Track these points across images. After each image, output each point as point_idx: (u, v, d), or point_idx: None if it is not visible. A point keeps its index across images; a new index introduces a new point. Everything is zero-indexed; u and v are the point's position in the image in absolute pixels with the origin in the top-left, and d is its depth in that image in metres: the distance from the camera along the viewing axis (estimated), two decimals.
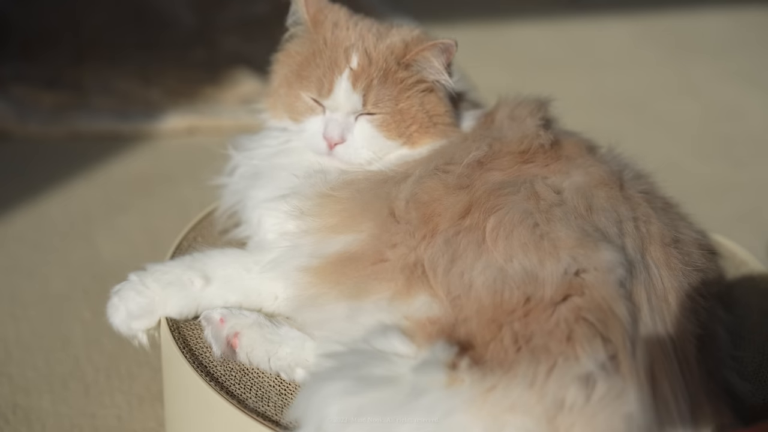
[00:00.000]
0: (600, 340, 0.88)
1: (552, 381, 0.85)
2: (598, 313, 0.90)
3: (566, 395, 0.85)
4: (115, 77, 2.55)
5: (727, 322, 1.07)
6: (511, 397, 0.85)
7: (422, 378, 0.87)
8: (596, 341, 0.88)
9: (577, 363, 0.86)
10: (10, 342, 1.53)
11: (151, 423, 1.38)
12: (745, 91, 3.00)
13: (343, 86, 1.12)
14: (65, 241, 1.85)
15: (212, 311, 1.07)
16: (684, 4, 3.81)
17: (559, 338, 0.88)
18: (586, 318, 0.90)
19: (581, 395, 0.85)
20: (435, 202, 1.03)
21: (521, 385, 0.85)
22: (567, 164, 1.11)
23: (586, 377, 0.86)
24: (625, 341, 0.89)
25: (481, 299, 0.93)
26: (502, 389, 0.85)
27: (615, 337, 0.89)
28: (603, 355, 0.87)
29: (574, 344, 0.88)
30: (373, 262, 1.00)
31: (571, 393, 0.85)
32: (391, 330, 0.93)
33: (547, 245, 0.96)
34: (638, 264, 0.98)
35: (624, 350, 0.88)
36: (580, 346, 0.88)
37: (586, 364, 0.86)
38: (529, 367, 0.86)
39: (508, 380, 0.86)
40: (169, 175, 2.15)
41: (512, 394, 0.85)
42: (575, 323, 0.89)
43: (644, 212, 1.06)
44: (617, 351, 0.88)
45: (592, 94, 2.88)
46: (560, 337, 0.88)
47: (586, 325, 0.89)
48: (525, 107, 1.19)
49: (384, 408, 0.85)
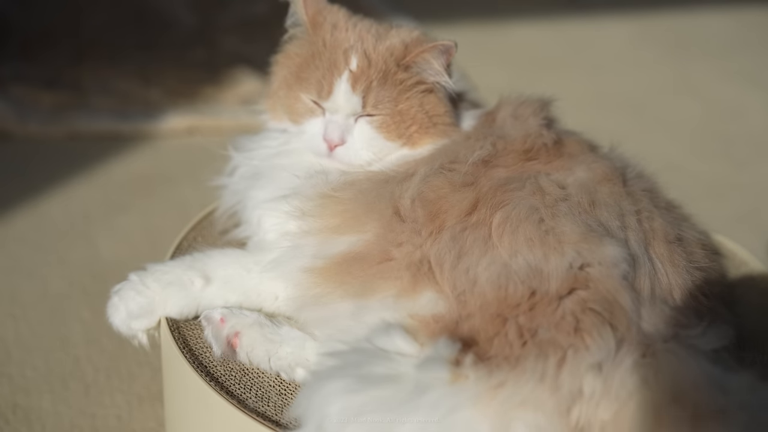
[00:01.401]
0: (609, 327, 0.89)
1: (565, 373, 0.85)
2: (603, 303, 0.91)
3: (583, 385, 0.85)
4: (114, 77, 2.54)
5: (729, 322, 1.07)
6: (521, 393, 0.84)
7: (425, 375, 0.87)
8: (605, 329, 0.88)
9: (588, 353, 0.87)
10: (10, 342, 1.53)
11: (151, 423, 1.38)
12: (745, 91, 3.00)
13: (342, 88, 1.12)
14: (65, 241, 1.85)
15: (212, 311, 1.07)
16: (684, 4, 3.81)
17: (566, 330, 0.89)
18: (592, 308, 0.90)
19: (598, 382, 0.85)
20: (441, 199, 1.03)
21: (532, 380, 0.85)
22: (569, 161, 1.11)
23: (598, 365, 0.86)
24: (630, 327, 0.89)
25: (485, 294, 0.93)
26: (512, 385, 0.85)
27: (621, 325, 0.89)
28: (612, 343, 0.87)
29: (582, 335, 0.88)
30: (379, 261, 1.00)
31: (588, 382, 0.85)
32: (394, 328, 0.93)
33: (551, 240, 0.96)
34: (642, 257, 0.98)
35: (629, 335, 0.89)
36: (589, 335, 0.88)
37: (596, 353, 0.86)
38: (537, 361, 0.86)
39: (517, 376, 0.85)
40: (169, 175, 2.15)
41: (523, 390, 0.84)
42: (582, 314, 0.90)
43: (647, 208, 1.06)
44: (624, 337, 0.88)
45: (592, 94, 2.88)
46: (567, 329, 0.89)
47: (593, 315, 0.90)
48: (527, 107, 1.19)
49: (386, 406, 0.85)
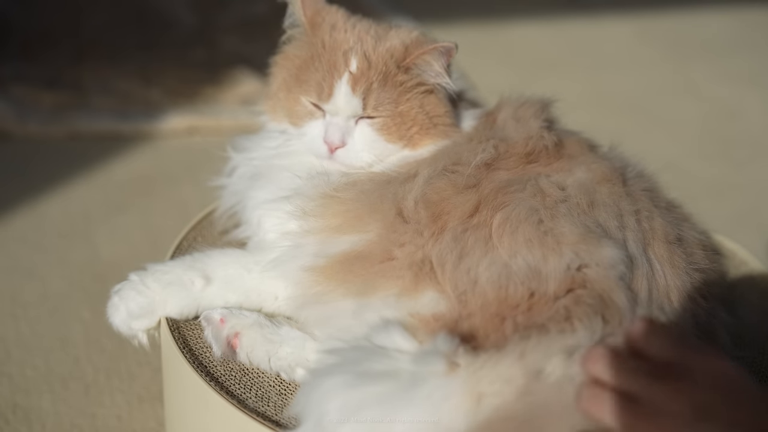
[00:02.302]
0: (600, 318, 0.89)
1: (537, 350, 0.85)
2: (598, 299, 0.91)
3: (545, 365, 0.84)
4: (115, 77, 2.54)
5: (728, 324, 1.07)
6: (497, 370, 0.84)
7: (421, 368, 0.87)
8: (596, 318, 0.89)
9: (572, 335, 0.86)
10: (10, 342, 1.53)
11: (151, 423, 1.38)
12: (745, 91, 3.00)
13: (342, 90, 1.12)
14: (65, 241, 1.85)
15: (212, 311, 1.07)
16: (684, 4, 3.81)
17: (557, 319, 0.89)
18: (585, 301, 0.90)
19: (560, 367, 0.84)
20: (444, 201, 1.03)
21: (510, 358, 0.85)
22: (569, 162, 1.11)
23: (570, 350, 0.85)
24: (622, 324, 0.89)
25: (485, 294, 0.93)
26: (492, 365, 0.85)
27: (613, 319, 0.90)
28: (600, 332, 0.87)
29: (572, 320, 0.88)
30: (381, 261, 1.00)
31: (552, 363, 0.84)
32: (393, 326, 0.93)
33: (550, 241, 0.96)
34: (640, 257, 0.98)
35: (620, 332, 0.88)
36: (578, 320, 0.88)
37: (581, 336, 0.86)
38: (519, 342, 0.86)
39: (499, 357, 0.85)
40: (169, 175, 2.15)
41: (499, 368, 0.84)
42: (575, 306, 0.90)
43: (647, 208, 1.06)
44: (613, 332, 0.88)
45: (592, 94, 2.88)
46: (559, 319, 0.89)
47: (586, 306, 0.90)
48: (528, 108, 1.18)
49: (384, 402, 0.85)
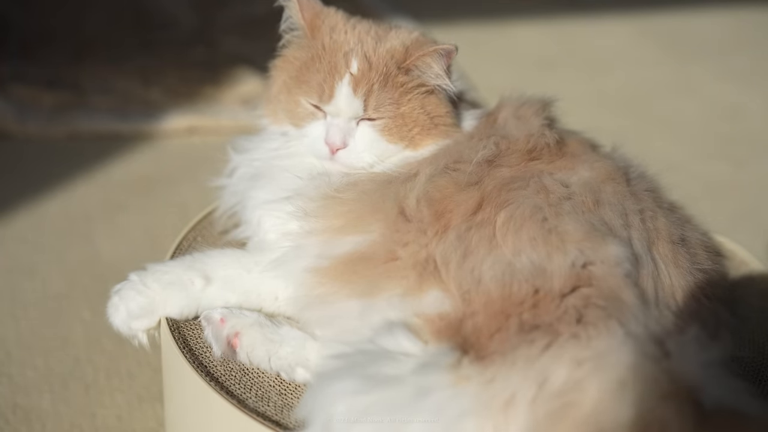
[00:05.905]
0: (615, 321, 0.88)
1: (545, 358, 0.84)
2: (607, 300, 0.90)
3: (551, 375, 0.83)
4: (114, 77, 2.54)
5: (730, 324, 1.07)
6: (510, 386, 0.83)
7: (426, 379, 0.86)
8: (611, 322, 0.88)
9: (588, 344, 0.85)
10: (10, 342, 1.53)
11: (151, 423, 1.38)
12: (745, 91, 3.00)
13: (343, 92, 1.12)
14: (65, 241, 1.85)
15: (212, 311, 1.07)
16: (684, 4, 3.81)
17: (568, 321, 0.88)
18: (596, 303, 0.90)
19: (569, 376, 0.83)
20: (446, 199, 1.03)
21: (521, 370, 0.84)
22: (572, 161, 1.11)
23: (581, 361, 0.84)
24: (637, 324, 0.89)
25: (490, 293, 0.93)
26: (502, 379, 0.84)
27: (627, 321, 0.89)
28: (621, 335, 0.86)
29: (586, 326, 0.87)
30: (385, 261, 1.00)
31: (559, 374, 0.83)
32: (397, 328, 0.93)
33: (555, 239, 0.96)
34: (645, 257, 0.98)
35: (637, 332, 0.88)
36: (593, 327, 0.87)
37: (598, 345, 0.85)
38: (525, 348, 0.85)
39: (507, 369, 0.84)
40: (169, 175, 2.15)
41: (511, 383, 0.83)
42: (585, 308, 0.89)
43: (650, 208, 1.06)
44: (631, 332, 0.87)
45: (592, 93, 2.88)
46: (569, 321, 0.88)
47: (598, 309, 0.89)
48: (529, 107, 1.19)
49: (391, 407, 0.85)
